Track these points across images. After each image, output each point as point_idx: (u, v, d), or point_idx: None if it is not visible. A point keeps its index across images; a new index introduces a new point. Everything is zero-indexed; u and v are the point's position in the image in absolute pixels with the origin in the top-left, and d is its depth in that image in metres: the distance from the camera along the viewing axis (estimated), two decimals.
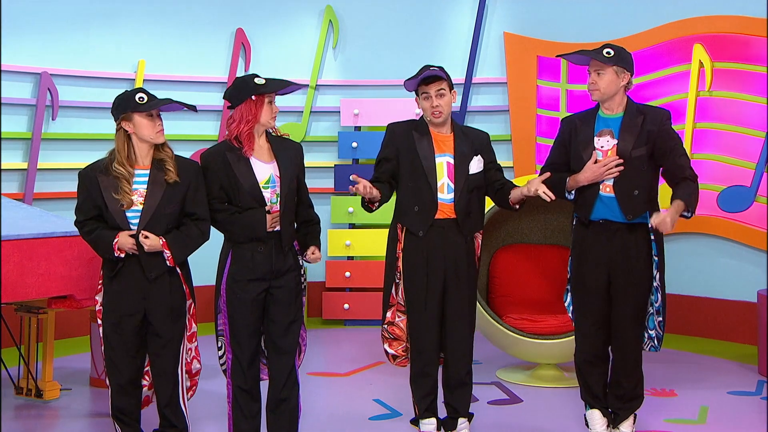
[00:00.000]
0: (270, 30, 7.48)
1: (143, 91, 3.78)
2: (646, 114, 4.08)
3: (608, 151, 4.05)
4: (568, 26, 7.17)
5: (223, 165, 3.81)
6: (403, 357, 4.30)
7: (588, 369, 4.22)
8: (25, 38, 6.50)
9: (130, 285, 3.76)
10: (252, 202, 3.80)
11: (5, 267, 4.39)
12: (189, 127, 7.14)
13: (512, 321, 5.36)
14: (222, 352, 3.97)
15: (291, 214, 3.91)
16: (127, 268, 3.75)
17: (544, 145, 7.22)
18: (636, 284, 4.09)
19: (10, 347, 5.37)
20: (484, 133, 4.29)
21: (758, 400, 5.14)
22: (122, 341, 3.80)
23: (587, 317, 4.18)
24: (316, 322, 7.12)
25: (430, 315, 4.13)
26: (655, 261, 4.11)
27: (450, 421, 4.28)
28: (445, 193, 4.11)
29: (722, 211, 6.59)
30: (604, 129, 4.10)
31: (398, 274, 4.19)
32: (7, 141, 6.36)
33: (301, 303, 3.99)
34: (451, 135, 4.17)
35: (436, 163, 4.10)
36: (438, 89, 4.08)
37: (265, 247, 3.83)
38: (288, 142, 3.98)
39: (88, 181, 3.80)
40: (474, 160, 4.15)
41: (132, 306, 3.77)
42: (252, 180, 3.80)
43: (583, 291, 4.19)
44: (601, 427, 4.24)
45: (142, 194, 3.76)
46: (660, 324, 4.17)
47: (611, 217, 4.07)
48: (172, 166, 3.80)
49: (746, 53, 6.47)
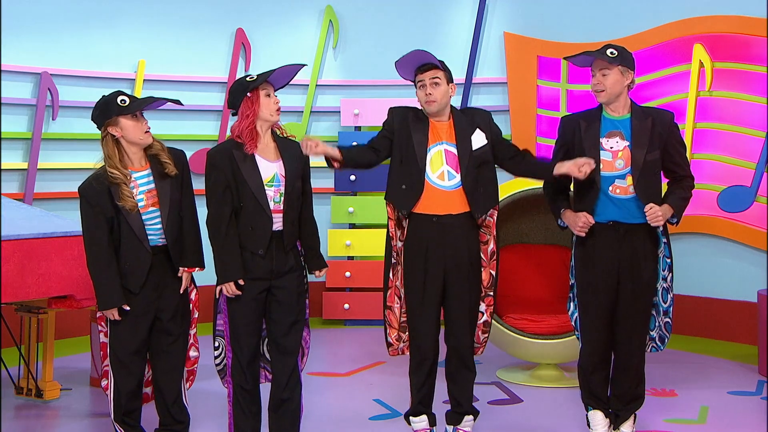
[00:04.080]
0: (270, 30, 7.49)
1: (123, 93, 3.76)
2: (653, 116, 4.08)
3: (618, 152, 4.03)
4: (568, 26, 7.17)
5: (230, 162, 3.81)
6: (395, 347, 4.24)
7: (593, 373, 4.18)
8: (25, 38, 6.51)
9: (147, 285, 3.76)
10: (255, 201, 3.80)
11: (5, 267, 4.39)
12: (189, 127, 7.15)
13: (512, 321, 5.36)
14: (219, 353, 3.97)
15: (294, 214, 3.90)
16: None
17: (544, 145, 7.22)
18: (645, 286, 4.08)
19: (10, 347, 5.37)
20: (485, 111, 4.26)
21: (758, 400, 5.14)
22: (136, 343, 3.78)
23: (594, 321, 4.13)
24: (316, 322, 7.12)
25: (428, 306, 4.09)
26: (668, 263, 4.11)
27: (454, 415, 4.26)
28: (446, 181, 4.07)
29: (722, 211, 6.59)
30: (612, 130, 4.07)
31: (394, 254, 4.17)
32: (7, 141, 6.36)
33: (304, 304, 3.97)
34: (450, 121, 4.14)
35: (430, 150, 4.07)
36: (433, 77, 4.06)
37: (266, 248, 3.83)
38: (295, 143, 3.98)
39: (93, 193, 3.72)
40: (475, 135, 4.11)
41: (146, 306, 3.76)
42: (257, 178, 3.80)
43: (591, 295, 4.13)
44: (602, 429, 4.23)
45: (153, 194, 3.74)
46: (667, 325, 4.17)
47: (621, 219, 4.04)
48: (168, 158, 3.80)
49: (746, 53, 6.47)
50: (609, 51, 4.03)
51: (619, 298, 4.09)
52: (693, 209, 6.66)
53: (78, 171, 6.54)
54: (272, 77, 3.85)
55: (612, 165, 4.03)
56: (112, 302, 3.68)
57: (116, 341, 3.78)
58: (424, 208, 4.07)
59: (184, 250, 3.82)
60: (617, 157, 4.03)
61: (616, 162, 4.03)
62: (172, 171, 3.78)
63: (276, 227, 3.85)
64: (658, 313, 4.16)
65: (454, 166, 4.08)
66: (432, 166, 4.07)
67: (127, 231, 3.71)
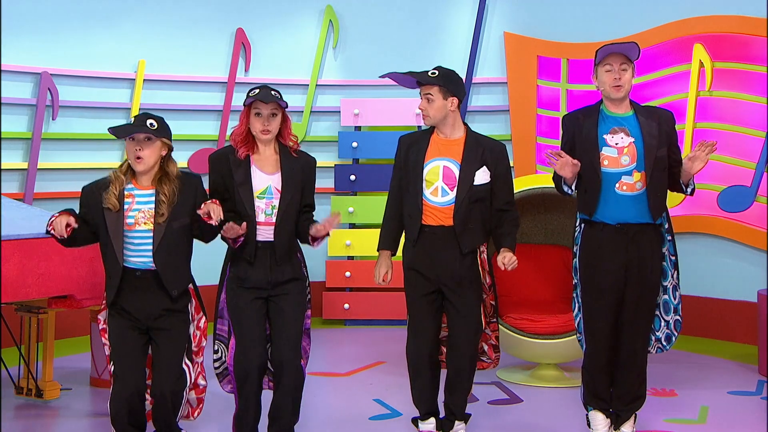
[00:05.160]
0: (270, 30, 7.48)
1: (142, 116, 3.76)
2: (658, 114, 4.10)
3: (624, 148, 4.01)
4: (568, 26, 7.17)
5: (225, 165, 3.83)
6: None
7: (598, 374, 4.18)
8: (25, 38, 6.50)
9: (139, 301, 3.73)
10: (243, 207, 3.80)
11: (5, 267, 4.39)
12: (189, 127, 7.14)
13: (512, 321, 5.36)
14: (218, 356, 3.96)
15: (289, 226, 3.88)
16: (138, 283, 3.72)
17: (545, 145, 7.22)
18: (651, 287, 4.09)
19: (11, 347, 5.37)
20: (500, 144, 4.17)
21: (758, 400, 5.14)
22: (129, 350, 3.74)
23: (599, 323, 4.12)
24: (316, 322, 7.11)
25: (426, 317, 4.11)
26: (673, 260, 4.11)
27: (447, 422, 4.27)
28: (438, 197, 4.05)
29: (722, 211, 6.59)
30: (616, 127, 4.06)
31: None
32: (7, 141, 6.35)
33: (303, 315, 3.96)
34: (462, 140, 4.10)
35: (426, 166, 4.05)
36: (426, 93, 4.06)
37: (257, 259, 3.83)
38: (301, 157, 3.95)
39: (87, 190, 3.78)
40: (480, 171, 4.06)
41: (139, 324, 3.75)
42: (247, 186, 3.81)
43: (597, 296, 4.11)
44: (603, 429, 4.23)
45: (148, 216, 3.71)
46: (677, 323, 4.16)
47: (629, 220, 4.02)
48: (166, 197, 3.72)
49: (746, 53, 6.46)
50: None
51: (625, 299, 4.08)
52: (693, 209, 6.66)
53: (78, 171, 6.54)
54: (260, 96, 3.81)
55: (617, 161, 4.01)
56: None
57: (113, 338, 3.76)
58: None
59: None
60: (623, 153, 4.01)
61: (622, 158, 4.01)
62: (162, 218, 3.70)
63: (264, 238, 3.84)
64: (667, 311, 4.16)
65: (450, 184, 4.04)
66: (426, 183, 4.06)
67: (104, 237, 3.70)
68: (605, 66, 4.06)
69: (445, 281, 4.08)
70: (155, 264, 3.70)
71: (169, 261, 3.72)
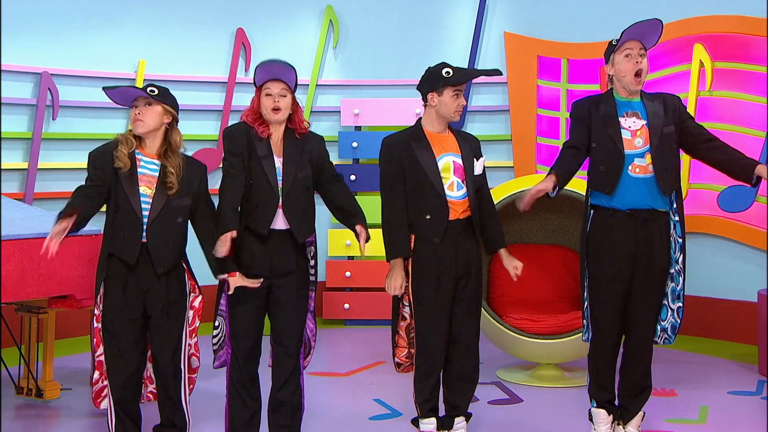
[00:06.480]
0: (270, 30, 7.49)
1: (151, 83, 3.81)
2: (663, 97, 4.16)
3: (637, 131, 4.05)
4: (568, 26, 7.18)
5: (246, 136, 3.84)
6: (408, 363, 4.22)
7: (604, 364, 4.17)
8: (25, 38, 6.51)
9: (132, 281, 3.71)
10: (264, 177, 3.79)
11: (5, 267, 4.39)
12: (189, 127, 7.11)
13: (512, 321, 5.36)
14: (218, 332, 3.93)
15: (302, 204, 3.87)
16: (130, 267, 3.70)
17: (545, 144, 7.23)
18: (659, 273, 4.09)
19: (11, 347, 5.37)
20: (475, 138, 4.29)
21: (758, 400, 5.14)
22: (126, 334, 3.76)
23: (607, 310, 4.11)
24: (317, 322, 7.11)
25: (440, 316, 4.07)
26: (680, 243, 4.10)
27: (447, 419, 4.27)
28: (455, 191, 4.07)
29: (722, 211, 6.59)
30: (629, 111, 4.09)
31: (406, 296, 4.12)
32: (7, 141, 6.36)
33: (305, 304, 3.97)
34: (450, 134, 4.16)
35: (440, 165, 4.07)
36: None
37: (266, 245, 3.82)
38: (304, 137, 3.99)
39: (97, 153, 3.74)
40: (477, 162, 4.14)
41: (133, 301, 3.73)
42: (270, 160, 3.83)
43: (605, 283, 4.10)
44: (604, 426, 4.23)
45: (150, 181, 3.70)
46: (679, 310, 4.14)
47: (641, 204, 4.03)
48: (174, 176, 3.72)
49: (746, 53, 6.47)
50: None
51: (634, 286, 4.09)
52: (693, 209, 6.66)
53: (78, 171, 6.50)
54: (271, 72, 3.88)
55: (632, 143, 4.05)
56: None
57: (108, 323, 3.77)
58: None
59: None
60: (636, 136, 4.05)
61: (636, 140, 4.04)
62: (172, 190, 3.70)
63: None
64: (674, 299, 4.15)
65: (461, 178, 4.08)
66: (444, 179, 4.07)
67: (121, 196, 3.66)
68: (624, 51, 4.10)
69: (462, 274, 4.08)
70: (146, 237, 3.68)
71: (161, 237, 3.69)
